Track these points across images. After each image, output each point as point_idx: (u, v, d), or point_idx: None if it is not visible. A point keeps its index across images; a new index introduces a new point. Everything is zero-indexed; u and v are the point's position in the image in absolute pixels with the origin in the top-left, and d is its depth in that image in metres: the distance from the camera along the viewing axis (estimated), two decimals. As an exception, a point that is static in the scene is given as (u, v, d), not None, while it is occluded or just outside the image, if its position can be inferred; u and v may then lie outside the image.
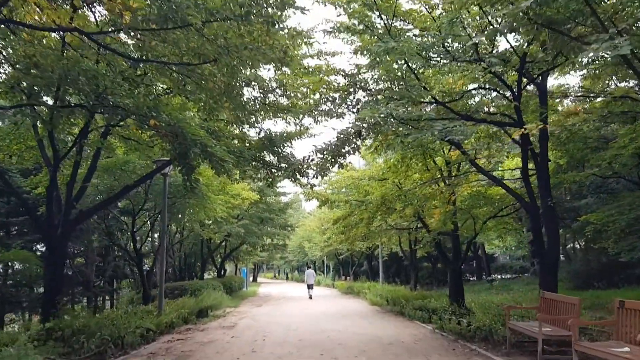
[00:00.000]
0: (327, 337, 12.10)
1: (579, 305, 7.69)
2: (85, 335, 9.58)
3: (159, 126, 8.50)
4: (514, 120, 10.22)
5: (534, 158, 10.54)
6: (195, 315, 16.53)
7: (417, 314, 15.14)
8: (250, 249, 35.07)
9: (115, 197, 13.49)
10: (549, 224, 10.33)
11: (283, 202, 35.62)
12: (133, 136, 13.45)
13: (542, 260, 10.36)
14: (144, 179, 13.69)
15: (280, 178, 15.04)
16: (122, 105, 8.73)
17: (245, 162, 13.16)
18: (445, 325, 12.13)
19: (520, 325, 8.57)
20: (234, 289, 32.71)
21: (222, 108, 8.98)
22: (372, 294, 23.61)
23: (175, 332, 13.39)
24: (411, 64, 8.62)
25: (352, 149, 10.26)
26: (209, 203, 17.63)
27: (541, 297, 9.20)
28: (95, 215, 18.06)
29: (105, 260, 21.94)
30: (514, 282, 29.69)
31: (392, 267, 40.46)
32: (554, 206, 10.43)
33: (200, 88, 8.54)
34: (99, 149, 12.91)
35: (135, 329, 11.52)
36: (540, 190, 10.53)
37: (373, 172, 17.99)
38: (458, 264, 17.03)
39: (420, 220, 17.37)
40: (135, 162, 15.44)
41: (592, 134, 15.57)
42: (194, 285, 22.92)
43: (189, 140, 9.06)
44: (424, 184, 14.63)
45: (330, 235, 26.20)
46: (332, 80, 9.84)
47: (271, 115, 14.39)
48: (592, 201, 21.48)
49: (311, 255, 53.04)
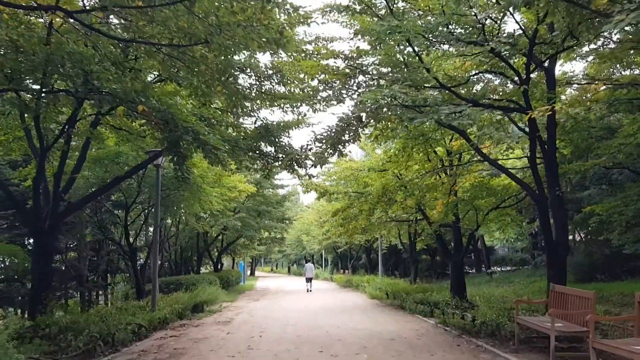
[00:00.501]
0: (325, 333, 11.69)
1: (594, 300, 7.24)
2: (72, 333, 9.15)
3: (148, 112, 8.02)
4: (521, 106, 9.76)
5: (541, 146, 10.10)
6: (190, 311, 16.12)
7: (419, 308, 14.74)
8: (247, 243, 34.64)
9: (105, 188, 13.03)
10: (557, 214, 9.90)
11: (280, 194, 35.15)
12: (124, 126, 12.96)
13: (550, 252, 9.94)
14: (135, 170, 13.22)
15: (278, 169, 14.61)
16: (109, 91, 8.25)
17: (241, 152, 12.68)
18: (449, 320, 11.72)
19: (531, 321, 8.14)
20: (231, 283, 32.31)
21: (215, 94, 8.50)
22: (372, 287, 23.22)
23: (169, 328, 12.95)
24: (415, 46, 8.13)
25: (352, 138, 9.81)
26: (204, 195, 17.17)
27: (551, 290, 8.76)
28: (84, 207, 17.60)
29: (99, 254, 21.48)
30: (514, 274, 29.33)
31: (390, 260, 40.14)
32: (562, 196, 10.00)
33: (191, 72, 8.05)
34: (89, 139, 12.43)
35: (126, 325, 11.10)
36: (547, 179, 10.09)
37: (373, 163, 17.53)
38: (459, 257, 16.64)
39: (421, 212, 16.96)
40: (127, 154, 14.99)
41: (597, 123, 15.21)
42: (190, 280, 22.49)
43: (180, 128, 8.59)
44: (426, 173, 14.18)
45: (328, 227, 25.77)
46: (331, 65, 9.35)
47: (267, 104, 13.92)
48: (595, 192, 21.10)
49: (309, 248, 52.69)
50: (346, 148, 10.88)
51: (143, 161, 13.17)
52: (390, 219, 19.10)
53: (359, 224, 17.88)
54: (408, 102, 7.31)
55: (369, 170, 17.27)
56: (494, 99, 9.65)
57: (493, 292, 19.76)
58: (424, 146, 14.38)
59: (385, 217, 18.47)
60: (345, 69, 8.96)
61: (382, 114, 7.37)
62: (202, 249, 30.24)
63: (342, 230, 19.41)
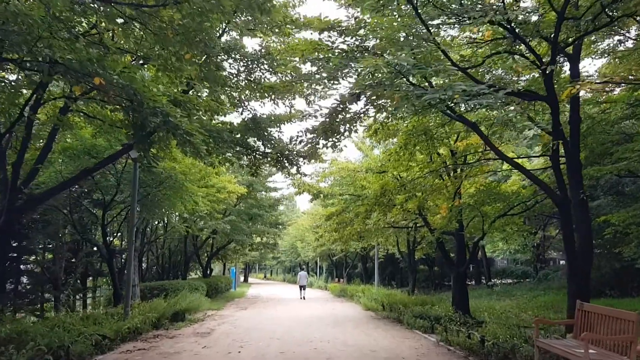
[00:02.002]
0: (314, 349, 10.35)
1: (637, 323, 5.92)
2: (14, 345, 7.82)
3: (104, 85, 6.75)
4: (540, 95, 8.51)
5: (564, 144, 8.84)
6: (169, 319, 14.78)
7: (418, 323, 13.39)
8: (238, 248, 33.23)
9: (71, 181, 11.71)
10: (581, 220, 8.63)
11: (274, 198, 33.72)
12: (98, 115, 11.70)
13: (571, 263, 8.67)
14: (106, 162, 11.93)
15: (267, 166, 13.37)
16: (61, 61, 6.99)
17: (225, 145, 11.45)
18: (452, 338, 10.38)
19: (556, 345, 6.80)
20: (220, 289, 30.89)
21: (186, 66, 7.25)
22: (367, 297, 21.82)
23: (140, 340, 11.61)
24: (424, 15, 6.88)
25: (349, 124, 8.54)
26: (187, 194, 15.82)
27: (578, 309, 7.44)
28: (61, 205, 16.31)
29: (77, 256, 20.11)
30: (516, 287, 28.07)
31: (387, 269, 38.79)
32: (586, 199, 8.74)
33: (159, 40, 6.79)
34: (56, 127, 11.14)
35: (89, 335, 9.79)
36: (570, 181, 8.84)
37: (370, 163, 16.24)
38: (463, 267, 15.34)
39: (422, 218, 15.67)
40: (104, 146, 13.72)
41: (613, 127, 14.12)
42: (175, 286, 21.17)
43: (146, 107, 7.33)
44: (430, 172, 12.92)
45: (322, 232, 24.39)
46: (325, 41, 8.09)
47: (257, 95, 12.71)
48: (605, 203, 19.92)
49: (304, 255, 51.28)
50: (341, 142, 9.66)
51: (115, 152, 11.88)
52: (389, 224, 17.78)
53: (354, 229, 16.55)
54: (416, 75, 6.08)
55: (366, 171, 15.98)
56: (514, 82, 8.35)
57: (494, 306, 18.49)
58: (427, 144, 13.13)
59: (383, 223, 17.15)
60: (341, 44, 7.73)
61: (384, 90, 6.10)
62: (190, 253, 28.84)
63: (337, 235, 18.07)
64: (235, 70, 11.65)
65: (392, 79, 6.26)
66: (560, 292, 22.28)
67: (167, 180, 14.78)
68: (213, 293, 27.76)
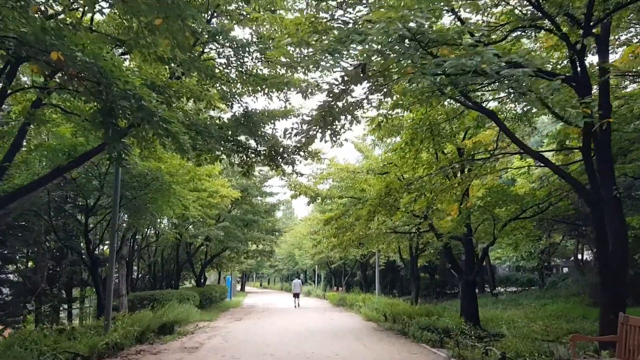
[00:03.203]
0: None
1: None
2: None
3: (63, 62, 5.71)
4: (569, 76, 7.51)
5: (592, 136, 7.83)
6: (155, 332, 13.67)
7: (425, 336, 12.28)
8: (233, 256, 32.04)
9: (43, 179, 10.62)
10: (614, 220, 7.60)
11: (270, 203, 32.56)
12: (76, 109, 10.66)
13: (604, 267, 7.63)
14: (82, 159, 10.87)
15: (259, 164, 12.32)
16: (16, 36, 5.96)
17: (213, 141, 10.41)
18: (466, 354, 9.30)
19: (599, 367, 5.76)
20: (214, 299, 29.68)
21: (161, 40, 6.23)
22: (367, 307, 20.69)
23: (120, 356, 10.52)
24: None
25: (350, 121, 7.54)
26: (175, 198, 14.73)
27: (622, 322, 6.39)
28: (17, 200, 15.09)
29: (61, 264, 18.98)
30: (522, 296, 26.99)
31: (387, 277, 37.62)
32: (620, 196, 7.71)
33: (127, 6, 5.76)
34: (26, 122, 10.07)
35: (59, 353, 8.72)
36: (600, 175, 7.82)
37: (372, 164, 15.19)
38: (472, 275, 14.29)
39: (428, 223, 14.62)
40: (85, 145, 12.67)
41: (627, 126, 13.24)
42: (166, 296, 20.04)
43: (114, 90, 6.29)
44: (439, 170, 11.90)
45: (320, 238, 23.23)
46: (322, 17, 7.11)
47: (250, 89, 11.69)
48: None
49: (302, 263, 50.09)
50: (341, 135, 8.65)
51: (91, 149, 10.82)
52: (391, 230, 16.70)
53: (354, 234, 15.45)
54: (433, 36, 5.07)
55: (367, 172, 14.93)
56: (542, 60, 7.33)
57: (501, 315, 17.41)
58: (433, 142, 12.11)
59: (385, 228, 16.08)
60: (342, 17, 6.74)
61: (393, 60, 5.09)
62: (182, 261, 27.67)
63: (336, 241, 16.95)
64: (225, 60, 10.64)
65: (406, 49, 5.24)
66: (569, 301, 21.21)
67: (153, 182, 13.71)
68: (207, 303, 26.57)
